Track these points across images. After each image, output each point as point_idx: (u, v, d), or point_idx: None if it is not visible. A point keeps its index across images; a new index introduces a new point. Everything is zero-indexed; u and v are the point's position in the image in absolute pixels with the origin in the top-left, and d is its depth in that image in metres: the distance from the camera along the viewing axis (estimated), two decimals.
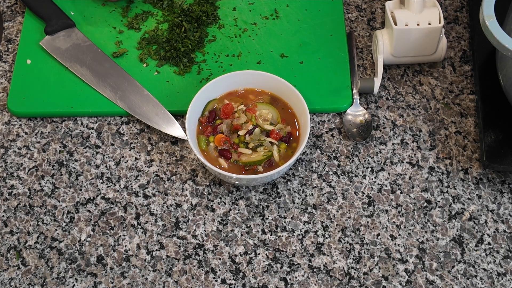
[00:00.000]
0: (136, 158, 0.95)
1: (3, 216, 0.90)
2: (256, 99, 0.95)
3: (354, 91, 0.99)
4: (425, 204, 0.91)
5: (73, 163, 0.94)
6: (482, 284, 0.86)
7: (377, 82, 0.97)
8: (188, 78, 1.00)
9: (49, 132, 0.97)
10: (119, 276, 0.86)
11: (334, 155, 0.95)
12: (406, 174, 0.94)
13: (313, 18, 1.06)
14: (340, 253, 0.88)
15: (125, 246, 0.88)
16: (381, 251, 0.88)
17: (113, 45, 1.04)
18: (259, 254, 0.88)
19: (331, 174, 0.94)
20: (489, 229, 0.90)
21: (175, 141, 0.96)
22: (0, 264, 0.87)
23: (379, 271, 0.87)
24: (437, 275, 0.86)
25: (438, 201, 0.92)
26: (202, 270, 0.87)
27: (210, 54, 1.03)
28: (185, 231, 0.89)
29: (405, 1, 0.96)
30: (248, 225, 0.90)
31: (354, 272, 0.86)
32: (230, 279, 0.86)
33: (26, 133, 0.97)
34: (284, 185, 0.93)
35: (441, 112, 0.99)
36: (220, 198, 0.92)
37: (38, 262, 0.87)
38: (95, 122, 0.98)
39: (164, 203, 0.91)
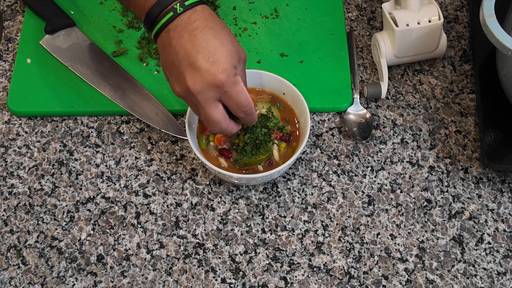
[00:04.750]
0: (136, 157, 0.95)
1: (3, 215, 0.90)
2: (256, 98, 0.95)
3: (355, 90, 0.99)
4: (425, 203, 0.91)
5: (73, 162, 0.94)
6: (482, 283, 0.86)
7: (384, 86, 0.97)
8: None
9: (49, 131, 0.97)
10: (119, 275, 0.86)
11: (334, 154, 0.95)
12: (406, 173, 0.94)
13: (313, 17, 1.06)
14: (340, 253, 0.88)
15: (125, 245, 0.88)
16: (381, 251, 0.88)
17: (113, 44, 1.04)
18: (259, 253, 0.88)
19: (331, 174, 0.94)
20: (489, 229, 0.90)
21: (175, 140, 0.96)
22: (0, 263, 0.87)
23: (379, 270, 0.87)
24: (437, 275, 0.86)
25: (438, 201, 0.92)
26: (202, 269, 0.87)
27: None
28: (185, 230, 0.89)
29: (402, 1, 0.96)
30: (248, 224, 0.90)
31: (354, 271, 0.86)
32: (230, 278, 0.86)
33: (26, 132, 0.97)
34: (284, 185, 0.93)
35: (441, 112, 0.99)
36: (220, 197, 0.92)
37: (38, 261, 0.87)
38: (95, 121, 0.98)
39: (164, 202, 0.91)
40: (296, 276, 0.86)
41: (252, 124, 0.86)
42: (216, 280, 0.86)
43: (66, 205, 0.91)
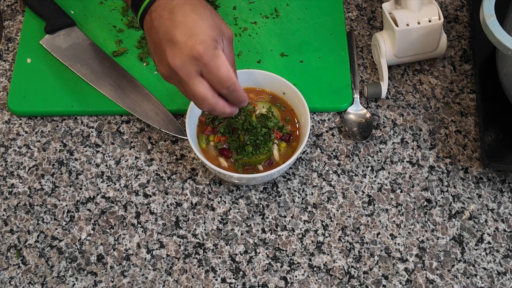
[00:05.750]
0: (136, 157, 0.95)
1: (3, 215, 0.90)
2: (256, 98, 0.95)
3: (355, 90, 0.99)
4: (425, 203, 0.91)
5: (73, 162, 0.94)
6: (482, 283, 0.86)
7: (384, 86, 0.97)
8: None
9: (49, 131, 0.97)
10: (119, 275, 0.86)
11: (334, 154, 0.95)
12: (406, 173, 0.94)
13: (313, 17, 1.06)
14: (340, 252, 0.88)
15: (125, 245, 0.88)
16: (381, 250, 0.88)
17: (113, 44, 1.04)
18: (259, 253, 0.88)
19: (331, 173, 0.94)
20: (489, 228, 0.90)
21: (175, 140, 0.96)
22: (0, 263, 0.87)
23: (379, 270, 0.87)
24: (437, 274, 0.86)
25: (438, 200, 0.92)
26: (202, 269, 0.87)
27: None
28: (185, 230, 0.89)
29: (402, 1, 0.96)
30: (248, 224, 0.90)
31: (354, 271, 0.86)
32: (230, 278, 0.86)
33: (26, 132, 0.97)
34: (284, 184, 0.93)
35: (441, 111, 0.99)
36: (220, 197, 0.92)
37: (38, 261, 0.87)
38: (95, 121, 0.98)
39: (164, 202, 0.91)
40: (296, 276, 0.86)
41: (242, 105, 0.84)
42: (216, 280, 0.86)
43: (66, 205, 0.91)
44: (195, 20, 0.77)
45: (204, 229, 0.89)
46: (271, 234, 0.89)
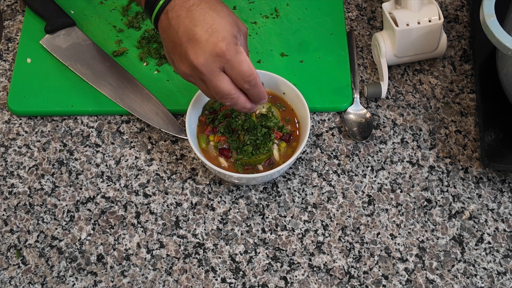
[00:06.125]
0: (136, 157, 0.95)
1: (3, 215, 0.90)
2: None
3: (355, 90, 0.99)
4: (425, 203, 0.91)
5: (73, 162, 0.94)
6: (482, 283, 0.86)
7: (384, 86, 0.97)
8: None
9: (49, 131, 0.97)
10: (119, 275, 0.86)
11: (334, 154, 0.95)
12: (406, 173, 0.94)
13: (313, 17, 1.06)
14: (340, 252, 0.88)
15: (125, 245, 0.88)
16: (381, 250, 0.88)
17: (113, 44, 1.04)
18: (259, 253, 0.88)
19: (331, 173, 0.94)
20: (489, 228, 0.90)
21: (175, 140, 0.96)
22: (0, 263, 0.87)
23: (379, 270, 0.87)
24: (437, 274, 0.86)
25: (438, 200, 0.92)
26: (202, 269, 0.87)
27: None
28: (185, 230, 0.89)
29: (402, 1, 0.96)
30: (248, 224, 0.90)
31: (354, 271, 0.86)
32: (230, 278, 0.86)
33: (26, 132, 0.97)
34: (284, 184, 0.93)
35: (441, 111, 0.99)
36: (220, 197, 0.92)
37: (38, 261, 0.87)
38: (95, 121, 0.98)
39: (164, 202, 0.91)
40: (296, 276, 0.86)
41: (262, 101, 0.85)
42: (216, 279, 0.86)
43: (66, 205, 0.91)
44: (214, 18, 0.79)
45: (204, 229, 0.89)
46: (271, 234, 0.89)
